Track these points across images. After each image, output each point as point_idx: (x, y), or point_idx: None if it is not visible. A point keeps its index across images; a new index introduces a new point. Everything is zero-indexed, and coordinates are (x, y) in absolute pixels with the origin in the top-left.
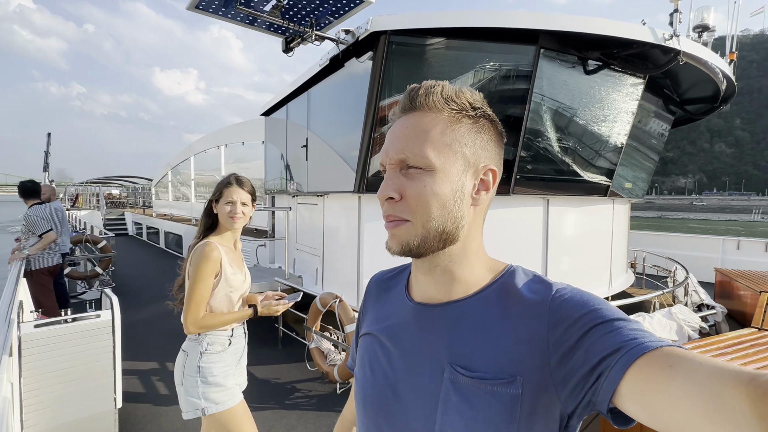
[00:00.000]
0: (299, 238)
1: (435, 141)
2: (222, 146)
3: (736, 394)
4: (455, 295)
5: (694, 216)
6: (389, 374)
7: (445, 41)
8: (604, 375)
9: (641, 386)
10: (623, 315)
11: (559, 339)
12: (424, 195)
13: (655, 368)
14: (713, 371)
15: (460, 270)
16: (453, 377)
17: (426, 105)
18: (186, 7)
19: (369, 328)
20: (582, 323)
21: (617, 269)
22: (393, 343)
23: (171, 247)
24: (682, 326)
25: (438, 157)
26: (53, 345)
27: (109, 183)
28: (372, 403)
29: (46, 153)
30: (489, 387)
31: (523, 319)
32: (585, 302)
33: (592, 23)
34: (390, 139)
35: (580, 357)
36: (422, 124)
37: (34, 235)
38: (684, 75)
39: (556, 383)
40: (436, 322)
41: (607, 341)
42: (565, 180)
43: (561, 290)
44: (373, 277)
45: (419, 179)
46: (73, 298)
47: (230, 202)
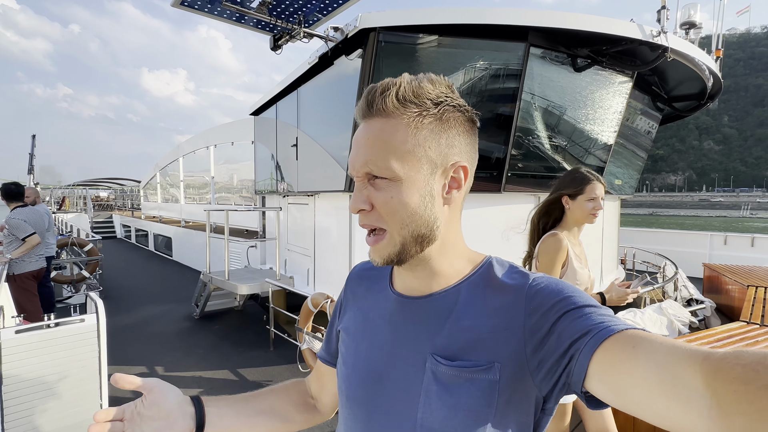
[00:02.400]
0: (290, 239)
1: (397, 150)
2: (211, 147)
3: (690, 372)
4: (436, 287)
5: (685, 213)
6: (372, 366)
7: (435, 38)
8: (575, 358)
9: (607, 367)
10: (594, 302)
11: (534, 326)
12: (392, 205)
13: (619, 349)
14: (671, 351)
15: (439, 264)
16: (434, 367)
17: (384, 110)
18: (171, 3)
19: (350, 322)
20: (555, 310)
21: (608, 266)
22: (376, 335)
23: (160, 249)
24: (672, 321)
25: (402, 167)
26: (36, 351)
27: (97, 185)
28: (355, 398)
29: (30, 155)
30: (468, 374)
31: (500, 308)
32: (559, 290)
33: (581, 20)
34: (354, 150)
35: (553, 342)
36: (383, 132)
37: (17, 239)
38: (672, 72)
39: (531, 368)
40: (417, 314)
41: (577, 325)
42: (556, 177)
43: (537, 279)
44: (354, 268)
45: (386, 190)
46: (59, 302)
47: (593, 198)
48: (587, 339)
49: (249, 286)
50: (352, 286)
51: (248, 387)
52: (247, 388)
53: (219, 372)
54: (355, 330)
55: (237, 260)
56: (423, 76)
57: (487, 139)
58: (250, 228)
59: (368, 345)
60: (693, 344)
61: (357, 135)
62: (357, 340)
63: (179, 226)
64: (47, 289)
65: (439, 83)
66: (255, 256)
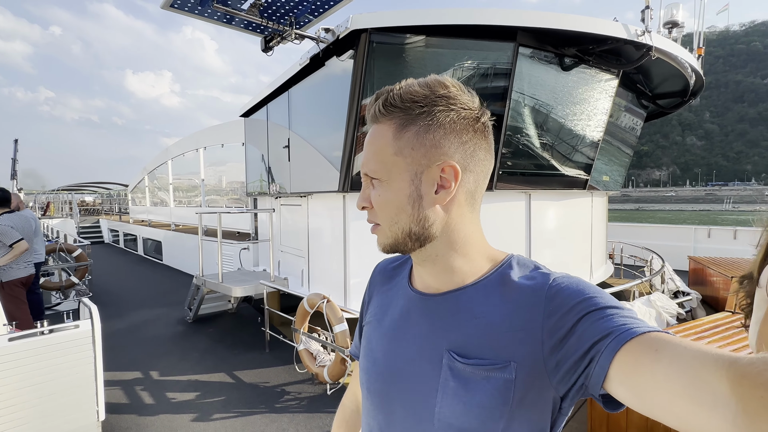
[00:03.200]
0: (283, 240)
1: (383, 152)
2: (201, 149)
3: (716, 377)
4: (453, 284)
5: (669, 207)
6: (391, 362)
7: (426, 39)
8: (595, 359)
9: (629, 370)
10: (617, 303)
11: (553, 327)
12: (380, 203)
13: (642, 352)
14: (696, 355)
15: (454, 261)
16: (451, 363)
17: (377, 116)
18: (160, 5)
19: (372, 317)
20: (576, 311)
21: (597, 260)
22: (395, 331)
23: (150, 253)
24: (660, 313)
25: (386, 169)
26: (30, 358)
27: (82, 190)
28: (375, 391)
29: (13, 160)
30: (485, 372)
31: (519, 307)
32: (580, 291)
33: (568, 20)
34: (363, 152)
35: (573, 343)
36: (374, 137)
37: (4, 246)
38: (655, 70)
39: (548, 369)
40: (435, 311)
41: (598, 327)
42: (546, 174)
43: (557, 279)
44: (378, 264)
45: (377, 189)
46: (48, 309)
47: None
48: (609, 341)
49: (243, 288)
50: (375, 282)
51: (244, 389)
52: (244, 390)
53: (215, 375)
54: (376, 324)
55: (229, 263)
56: (422, 79)
57: None
58: (241, 230)
59: (387, 340)
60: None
61: (368, 136)
62: (377, 335)
63: (169, 230)
64: (36, 296)
65: (427, 86)
66: (247, 258)
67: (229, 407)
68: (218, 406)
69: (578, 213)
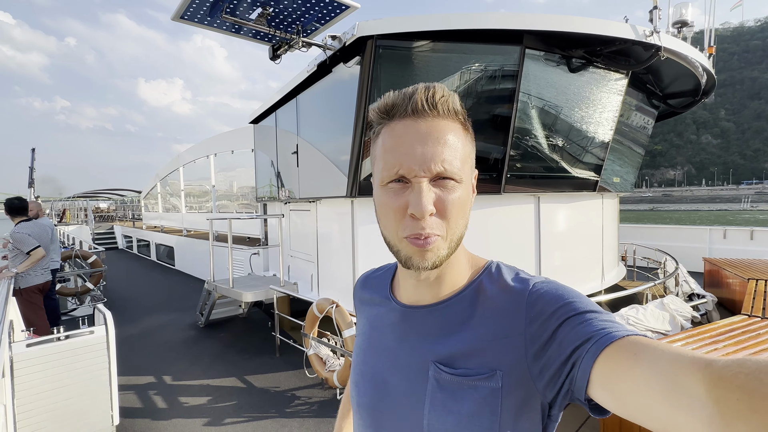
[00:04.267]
0: (293, 245)
1: (462, 151)
2: (211, 155)
3: (693, 380)
4: (441, 295)
5: (685, 207)
6: (378, 376)
7: (432, 44)
8: (577, 364)
9: (609, 374)
10: (596, 307)
11: (535, 333)
12: (457, 206)
13: (621, 356)
14: (673, 358)
15: (450, 271)
16: (437, 375)
17: (447, 111)
18: (171, 17)
19: (359, 328)
20: (556, 316)
21: (609, 263)
22: (381, 343)
23: (162, 259)
24: (674, 316)
25: (464, 170)
26: (47, 364)
27: (97, 197)
28: (364, 405)
29: (30, 169)
30: (471, 382)
31: (502, 315)
32: (560, 296)
33: (575, 22)
34: (413, 147)
35: (555, 349)
36: (449, 132)
37: (22, 253)
38: (665, 70)
39: (533, 376)
40: (421, 324)
41: (579, 332)
42: (555, 177)
43: (537, 285)
44: (359, 279)
45: (453, 191)
46: (64, 314)
47: None
48: (589, 346)
49: (254, 293)
50: (359, 295)
51: (255, 393)
52: (255, 395)
53: (226, 380)
54: (362, 338)
55: (240, 268)
56: None
57: (486, 140)
58: (252, 235)
59: (374, 353)
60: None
61: (413, 130)
62: (363, 348)
63: (181, 236)
64: (53, 301)
65: None
66: (258, 263)
67: (240, 412)
68: (229, 411)
69: (589, 215)
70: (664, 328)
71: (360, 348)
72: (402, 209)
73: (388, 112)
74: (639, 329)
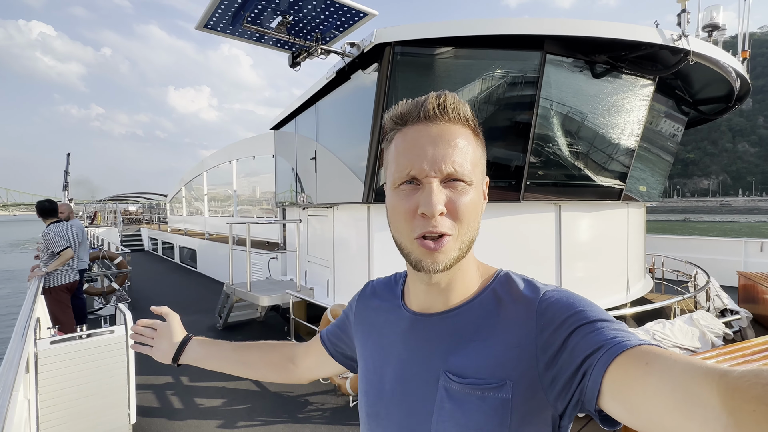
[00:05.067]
0: (310, 250)
1: (472, 155)
2: (234, 161)
3: (707, 390)
4: (451, 303)
5: (720, 218)
6: (387, 383)
7: (450, 50)
8: (588, 374)
9: (620, 384)
10: (607, 316)
11: (546, 342)
12: (468, 208)
13: (633, 366)
14: (686, 368)
15: (461, 278)
16: (447, 385)
17: (458, 116)
18: (195, 26)
19: (367, 337)
20: (567, 325)
21: (634, 275)
22: (391, 352)
23: (185, 261)
24: (704, 333)
25: (474, 173)
26: (69, 361)
27: (126, 200)
28: (373, 414)
29: (65, 172)
30: (480, 393)
31: (512, 324)
32: (570, 305)
33: (597, 27)
34: (424, 149)
35: (566, 358)
36: (461, 137)
37: (52, 253)
38: (695, 75)
39: (544, 386)
40: (431, 332)
41: (589, 341)
42: (577, 185)
43: (548, 293)
44: (366, 287)
45: (464, 193)
46: (90, 313)
47: None
48: (600, 355)
49: (270, 297)
50: (367, 303)
51: (269, 398)
52: (268, 399)
53: (241, 383)
54: (372, 347)
55: (259, 272)
56: None
57: (505, 147)
58: (271, 240)
59: (384, 362)
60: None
61: (425, 134)
62: (373, 357)
63: (203, 239)
64: (80, 300)
65: None
66: (276, 267)
67: (254, 415)
68: (243, 414)
69: (613, 225)
70: (692, 344)
71: (368, 357)
72: (413, 210)
73: (401, 119)
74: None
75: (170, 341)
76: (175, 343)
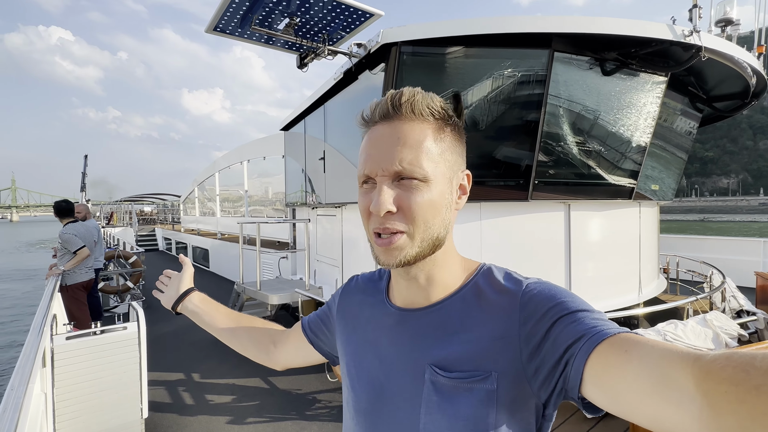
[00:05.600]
0: (319, 250)
1: (428, 152)
2: (245, 161)
3: (682, 374)
4: (434, 297)
5: (740, 218)
6: (374, 379)
7: (456, 50)
8: (570, 363)
9: (601, 371)
10: (588, 306)
11: (529, 333)
12: (423, 206)
13: (613, 353)
14: (663, 354)
15: (440, 273)
16: (433, 378)
17: (412, 113)
18: (205, 29)
19: (352, 333)
20: (549, 316)
21: (647, 275)
22: (376, 347)
23: (198, 261)
24: (718, 334)
25: (433, 169)
26: (83, 356)
27: (142, 201)
28: (362, 411)
29: (83, 174)
30: (466, 385)
31: (496, 316)
32: (552, 296)
33: (606, 23)
34: (377, 149)
35: (548, 348)
36: (413, 133)
37: (69, 252)
38: (709, 71)
39: (528, 376)
40: (416, 326)
41: (571, 330)
42: (587, 183)
43: (530, 285)
44: (354, 277)
45: (417, 191)
46: (106, 311)
47: None
48: (581, 344)
49: (279, 296)
50: (350, 296)
51: (277, 395)
52: (277, 396)
53: (251, 380)
54: (356, 342)
55: (269, 271)
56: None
57: (512, 146)
58: (281, 240)
59: (370, 357)
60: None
61: (379, 134)
62: (358, 353)
63: (215, 239)
64: (95, 298)
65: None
66: (286, 267)
67: (263, 412)
68: (252, 411)
69: (624, 224)
70: (705, 346)
71: (354, 353)
72: (368, 208)
73: (365, 120)
74: None
75: (177, 290)
76: (179, 291)
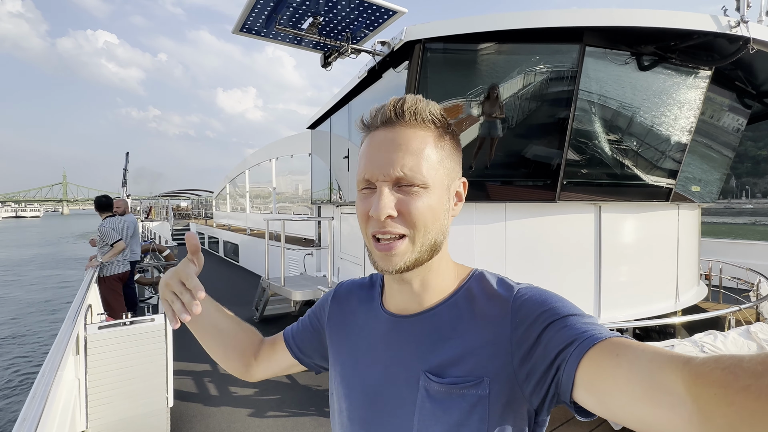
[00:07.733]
0: (343, 247)
1: (429, 159)
2: (273, 159)
3: (672, 377)
4: (427, 303)
5: None
6: (368, 386)
7: (481, 46)
8: (562, 367)
9: (592, 376)
10: (579, 310)
11: (520, 338)
12: (422, 211)
13: (604, 358)
14: (653, 357)
15: (434, 279)
16: (427, 384)
17: (414, 119)
18: (231, 30)
19: (345, 340)
20: (540, 321)
21: (686, 281)
22: (370, 354)
23: (229, 255)
24: (763, 347)
25: (432, 176)
26: (114, 345)
27: (178, 196)
28: (356, 418)
29: (124, 170)
30: (459, 390)
31: (488, 322)
32: (543, 301)
33: (641, 15)
34: (378, 154)
35: (540, 353)
36: (415, 140)
37: (107, 245)
38: (759, 64)
39: (520, 381)
40: (409, 333)
41: (562, 335)
42: (620, 184)
43: (522, 290)
44: (342, 284)
45: (417, 196)
46: (141, 302)
47: None
48: (572, 348)
49: (302, 292)
50: (341, 303)
51: (298, 390)
52: (297, 391)
53: None
54: (350, 349)
55: (295, 267)
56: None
57: (539, 144)
58: (307, 237)
59: (364, 365)
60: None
61: (381, 139)
62: (352, 360)
63: (245, 234)
64: (131, 290)
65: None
66: (311, 263)
67: (283, 406)
68: (273, 405)
69: (661, 227)
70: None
71: (347, 360)
72: (367, 212)
73: (366, 124)
74: None
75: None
76: None
